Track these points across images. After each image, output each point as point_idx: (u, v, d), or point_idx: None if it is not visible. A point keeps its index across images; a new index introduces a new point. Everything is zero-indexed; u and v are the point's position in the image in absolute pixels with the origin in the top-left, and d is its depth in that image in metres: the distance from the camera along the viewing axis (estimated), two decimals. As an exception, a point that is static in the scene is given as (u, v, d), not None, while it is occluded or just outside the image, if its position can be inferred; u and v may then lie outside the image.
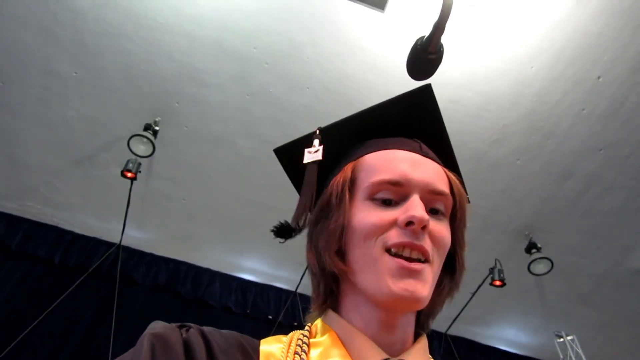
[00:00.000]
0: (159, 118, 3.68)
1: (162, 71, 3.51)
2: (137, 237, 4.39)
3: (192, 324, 0.67)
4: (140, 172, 3.72)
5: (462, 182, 0.83)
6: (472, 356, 5.09)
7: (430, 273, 0.68)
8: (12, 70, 3.51)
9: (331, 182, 0.77)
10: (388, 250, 0.68)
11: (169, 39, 3.35)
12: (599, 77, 3.38)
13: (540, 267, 4.18)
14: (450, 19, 0.73)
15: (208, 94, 3.60)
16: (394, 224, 0.69)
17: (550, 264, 4.12)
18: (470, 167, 3.88)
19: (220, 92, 3.60)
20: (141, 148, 3.64)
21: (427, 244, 0.68)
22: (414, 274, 0.66)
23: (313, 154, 0.79)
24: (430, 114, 0.83)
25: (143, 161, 3.76)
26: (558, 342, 4.86)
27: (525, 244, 4.27)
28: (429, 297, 0.68)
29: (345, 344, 0.69)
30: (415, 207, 0.67)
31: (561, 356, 4.78)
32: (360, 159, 0.77)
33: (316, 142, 0.81)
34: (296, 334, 0.72)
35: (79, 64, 3.48)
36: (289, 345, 0.68)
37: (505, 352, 5.29)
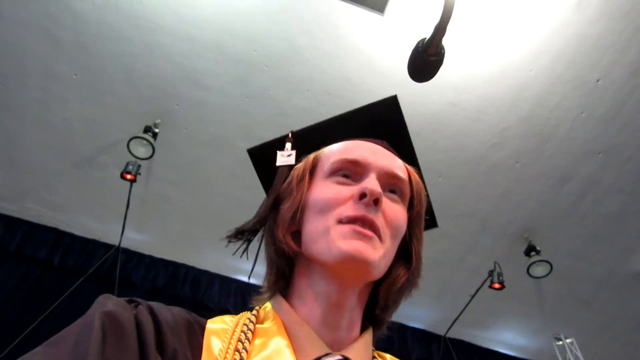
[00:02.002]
0: (159, 120, 3.69)
1: (162, 73, 3.51)
2: (136, 240, 4.39)
3: (140, 300, 0.66)
4: (139, 174, 3.72)
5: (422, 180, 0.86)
6: (471, 359, 5.09)
7: (381, 246, 0.70)
8: (12, 72, 3.51)
9: (292, 171, 0.80)
10: (340, 221, 0.69)
11: (169, 42, 3.36)
12: (598, 81, 3.38)
13: (539, 270, 4.18)
14: (451, 22, 0.74)
15: (208, 96, 3.61)
16: (349, 198, 0.71)
17: (549, 267, 4.12)
18: (469, 170, 3.89)
19: (220, 95, 3.60)
20: (141, 150, 3.64)
21: (379, 220, 0.70)
22: (364, 238, 0.67)
23: (286, 157, 0.82)
24: (395, 124, 0.87)
25: (143, 163, 3.76)
26: (557, 345, 4.87)
27: (524, 247, 4.27)
28: (379, 267, 0.70)
29: (289, 333, 0.68)
30: (369, 182, 0.70)
31: (560, 359, 4.78)
32: (322, 149, 0.81)
33: (288, 145, 0.83)
34: (243, 317, 0.73)
35: (79, 66, 3.49)
36: (234, 329, 0.68)
37: (505, 355, 5.28)
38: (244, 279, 4.67)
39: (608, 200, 4.03)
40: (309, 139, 0.84)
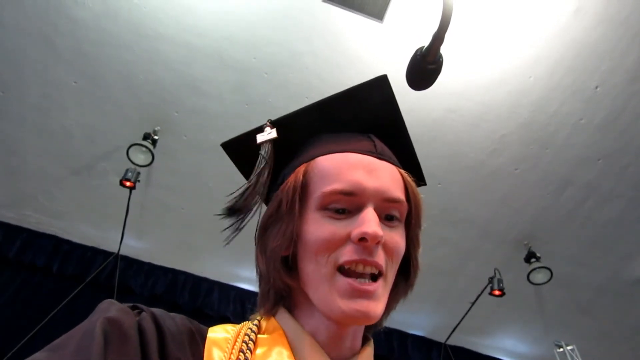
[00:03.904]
0: (158, 127, 3.69)
1: (161, 81, 3.52)
2: (136, 247, 4.38)
3: (143, 306, 0.66)
4: (139, 181, 3.71)
5: (421, 173, 0.83)
6: (472, 366, 5.07)
7: (384, 289, 0.67)
8: (12, 79, 3.52)
9: (282, 186, 0.75)
10: (340, 267, 0.66)
11: (168, 49, 3.37)
12: (596, 87, 3.39)
13: (539, 277, 4.17)
14: (449, 30, 0.74)
15: (207, 103, 3.61)
16: (347, 238, 0.67)
17: (549, 274, 4.11)
18: (469, 177, 3.89)
19: (220, 102, 3.61)
20: (140, 157, 3.64)
21: (380, 258, 0.67)
22: (365, 295, 0.65)
23: (266, 134, 0.78)
24: (386, 106, 0.82)
25: (142, 170, 3.75)
26: (558, 352, 4.85)
27: (524, 253, 4.26)
28: (383, 311, 0.67)
29: (292, 346, 0.68)
30: (369, 222, 0.65)
31: (561, 366, 4.76)
32: (313, 162, 0.74)
33: (267, 128, 0.79)
34: (245, 327, 0.71)
35: (79, 73, 3.49)
36: (235, 339, 0.67)
37: (505, 362, 5.27)
38: (243, 286, 4.66)
39: (608, 207, 4.03)
40: (289, 129, 0.79)
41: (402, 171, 0.77)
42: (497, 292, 4.13)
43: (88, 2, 3.17)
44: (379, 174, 0.71)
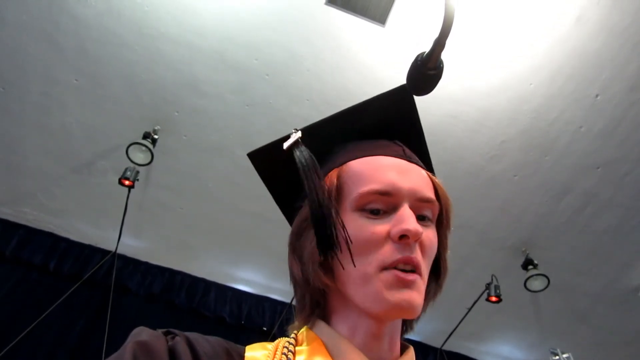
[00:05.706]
0: (158, 127, 3.69)
1: (162, 80, 3.52)
2: (133, 246, 4.37)
3: (177, 331, 0.66)
4: (138, 180, 3.71)
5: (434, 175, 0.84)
6: (467, 372, 5.06)
7: (422, 283, 0.68)
8: (13, 76, 3.52)
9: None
10: (384, 268, 0.67)
11: (170, 49, 3.37)
12: (597, 95, 3.40)
13: (536, 284, 4.17)
14: (451, 36, 0.74)
15: (208, 104, 3.61)
16: (386, 237, 0.67)
17: (546, 281, 4.11)
18: (468, 182, 3.89)
19: (220, 103, 3.61)
20: (140, 156, 3.64)
21: (418, 255, 0.67)
22: (409, 284, 0.65)
23: (292, 139, 0.78)
24: (407, 114, 0.85)
25: (141, 169, 3.75)
26: (553, 360, 4.84)
27: (521, 260, 4.26)
28: (422, 304, 0.68)
29: (331, 352, 0.68)
30: (408, 219, 0.66)
31: (556, 374, 4.75)
32: (345, 166, 0.75)
33: (292, 134, 0.79)
34: (282, 342, 0.71)
35: (80, 71, 3.49)
36: (275, 353, 0.68)
37: (501, 368, 5.26)
38: (240, 287, 4.65)
39: (606, 215, 4.04)
40: (316, 137, 0.80)
41: (430, 174, 0.79)
42: (493, 299, 4.13)
43: (91, 0, 3.17)
44: (411, 175, 0.72)
